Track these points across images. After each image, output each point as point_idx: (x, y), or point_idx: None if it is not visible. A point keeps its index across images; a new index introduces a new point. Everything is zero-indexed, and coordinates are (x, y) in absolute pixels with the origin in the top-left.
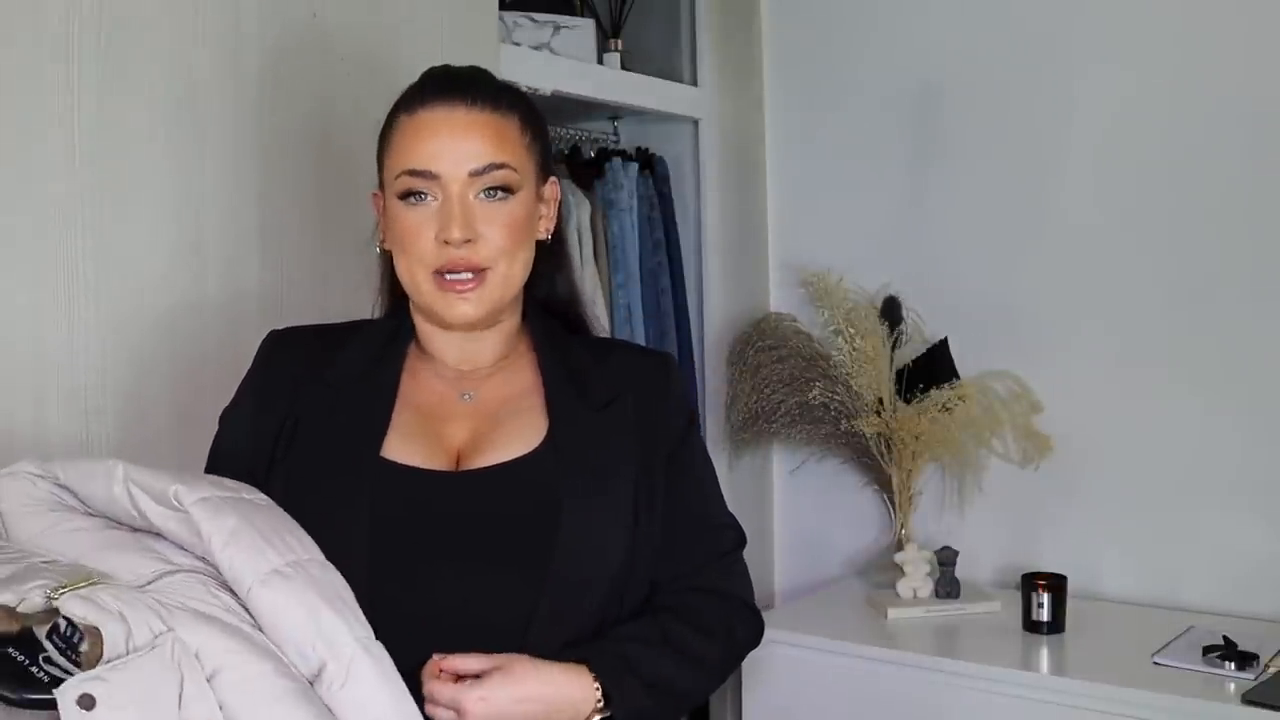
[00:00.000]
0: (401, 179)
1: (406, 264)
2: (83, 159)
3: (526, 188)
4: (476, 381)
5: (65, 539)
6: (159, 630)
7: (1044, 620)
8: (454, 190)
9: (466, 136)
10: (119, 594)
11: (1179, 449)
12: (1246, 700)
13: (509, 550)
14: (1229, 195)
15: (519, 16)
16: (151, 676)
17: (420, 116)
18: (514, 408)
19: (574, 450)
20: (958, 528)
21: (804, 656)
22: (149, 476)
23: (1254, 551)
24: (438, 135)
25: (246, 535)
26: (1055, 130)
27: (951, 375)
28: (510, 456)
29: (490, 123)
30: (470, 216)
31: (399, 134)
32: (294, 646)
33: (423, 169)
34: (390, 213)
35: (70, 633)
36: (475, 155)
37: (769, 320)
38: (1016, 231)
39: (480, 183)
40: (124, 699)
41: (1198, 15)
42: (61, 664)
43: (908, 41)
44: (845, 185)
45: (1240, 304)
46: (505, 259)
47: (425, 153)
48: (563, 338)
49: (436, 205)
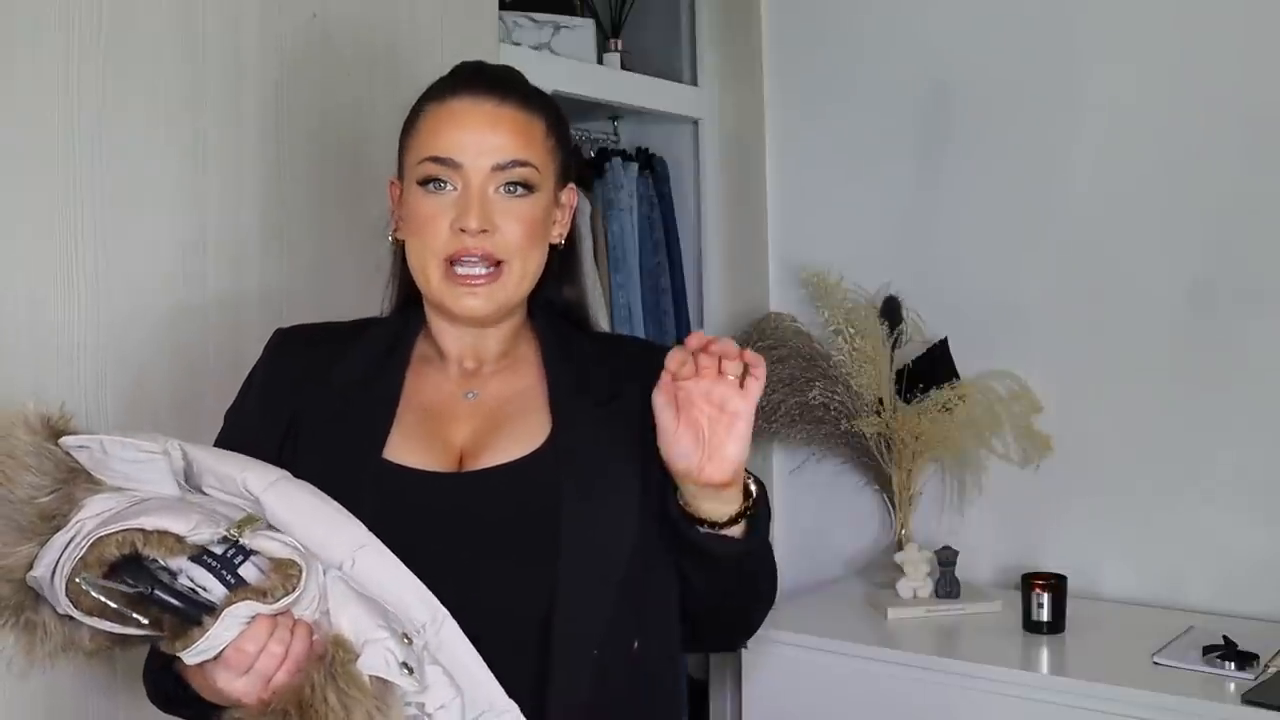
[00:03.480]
0: (424, 165)
1: (419, 251)
2: (84, 159)
3: (546, 189)
4: (480, 380)
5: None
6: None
7: (1044, 620)
8: (475, 181)
9: (493, 130)
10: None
11: (1179, 449)
12: (1246, 700)
13: (511, 551)
14: (1230, 196)
15: (519, 16)
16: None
17: (449, 105)
18: (517, 407)
19: (576, 449)
20: (958, 528)
21: (804, 656)
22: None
23: (1254, 551)
24: (464, 126)
25: (324, 511)
26: (1056, 130)
27: (951, 375)
28: (512, 457)
29: (517, 120)
30: (488, 208)
31: (425, 121)
32: (395, 610)
33: (446, 157)
34: (407, 200)
35: (232, 555)
36: (499, 149)
37: (769, 320)
38: (1017, 231)
39: (501, 177)
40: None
41: (1200, 16)
42: (206, 583)
43: (908, 41)
44: (845, 185)
45: (1240, 304)
46: (520, 256)
47: (450, 141)
48: (567, 334)
49: (455, 195)
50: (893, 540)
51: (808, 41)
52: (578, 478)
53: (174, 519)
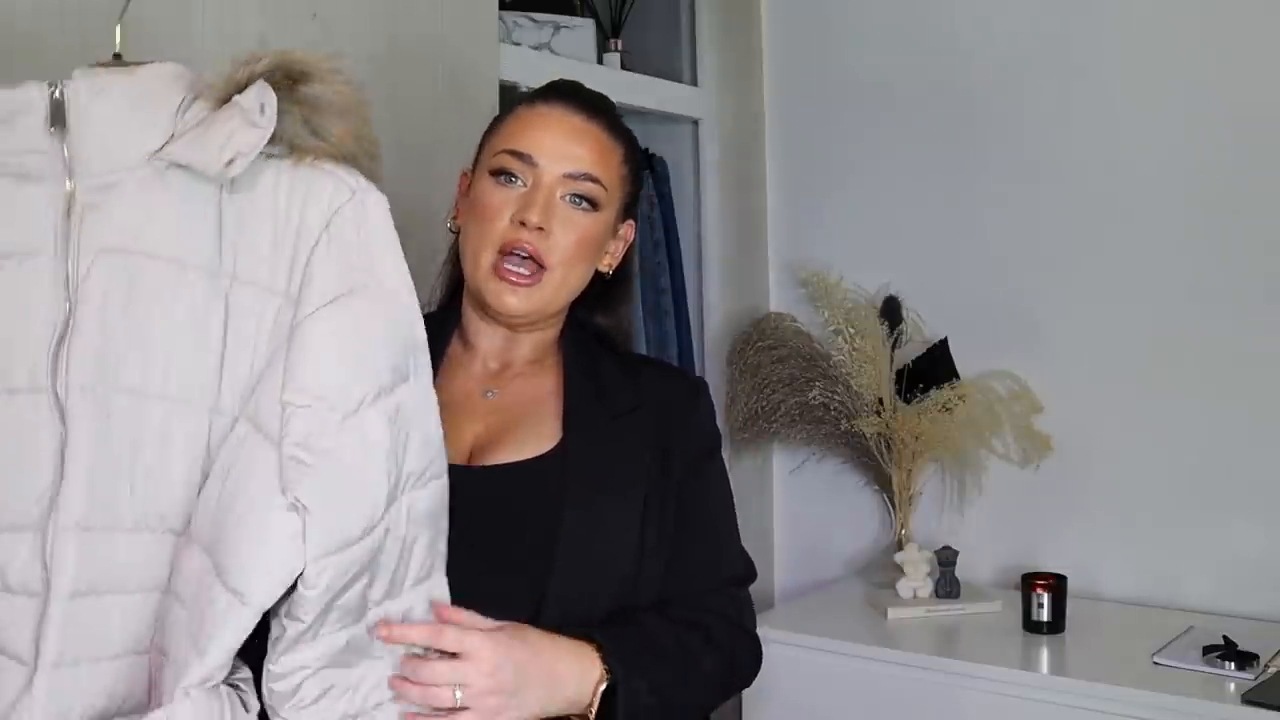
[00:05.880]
0: (500, 156)
1: (475, 237)
2: None
3: (608, 212)
4: (503, 381)
5: None
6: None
7: (1044, 620)
8: (545, 183)
9: (575, 140)
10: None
11: (1179, 449)
12: (1246, 700)
13: (511, 550)
14: (1229, 196)
15: (519, 16)
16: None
17: (539, 109)
18: (532, 411)
19: (584, 458)
20: (958, 528)
21: (804, 656)
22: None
23: (1254, 551)
24: (549, 129)
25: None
26: (1055, 130)
27: (951, 375)
28: (521, 457)
29: (599, 139)
30: (551, 211)
31: (513, 119)
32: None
33: (525, 153)
34: (476, 189)
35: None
36: (576, 159)
37: (769, 320)
38: (1017, 231)
39: (570, 186)
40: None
41: (1192, 16)
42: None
43: (907, 41)
44: (845, 185)
45: (1240, 304)
46: (565, 265)
47: (532, 140)
48: (594, 352)
49: (523, 192)
50: (893, 540)
51: (808, 41)
52: (583, 485)
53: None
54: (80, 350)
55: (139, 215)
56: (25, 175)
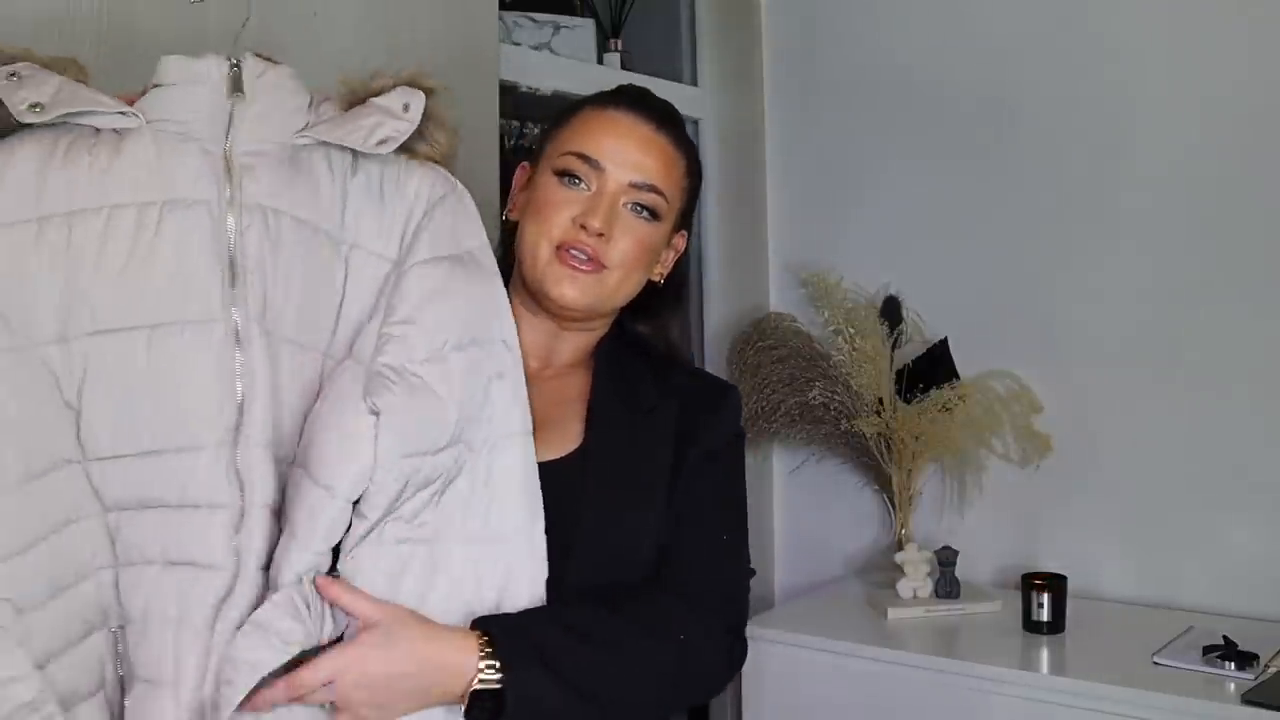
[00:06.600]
0: (567, 158)
1: (534, 233)
2: None
3: (667, 223)
4: (538, 382)
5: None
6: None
7: (1044, 620)
8: (609, 189)
9: (643, 150)
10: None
11: (1179, 449)
12: (1246, 700)
13: None
14: (1228, 196)
15: (519, 16)
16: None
17: (610, 114)
18: (560, 413)
19: (604, 457)
20: (958, 528)
21: (804, 656)
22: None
23: (1254, 551)
24: (620, 136)
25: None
26: (1055, 131)
27: (951, 375)
28: (546, 458)
29: (666, 150)
30: (613, 216)
31: (582, 119)
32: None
33: (593, 157)
34: (538, 184)
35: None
36: (643, 169)
37: (769, 320)
38: (1017, 232)
39: (634, 195)
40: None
41: (1192, 16)
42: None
43: (907, 41)
44: (845, 185)
45: (1240, 304)
46: (622, 269)
47: (601, 145)
48: (629, 357)
49: (587, 195)
50: (893, 540)
51: (808, 41)
52: (602, 484)
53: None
54: (252, 288)
55: (282, 182)
56: (187, 136)
